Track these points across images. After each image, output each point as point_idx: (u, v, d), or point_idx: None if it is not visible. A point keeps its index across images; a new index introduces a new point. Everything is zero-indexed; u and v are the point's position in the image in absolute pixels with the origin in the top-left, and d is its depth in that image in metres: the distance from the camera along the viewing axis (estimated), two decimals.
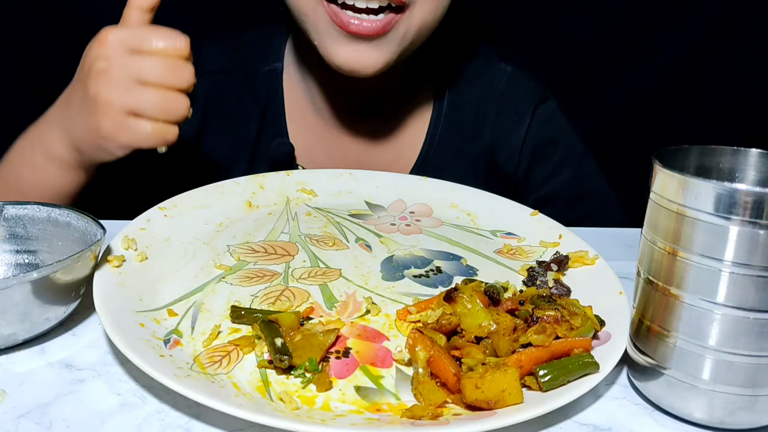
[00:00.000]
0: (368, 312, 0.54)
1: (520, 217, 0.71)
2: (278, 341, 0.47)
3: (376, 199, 0.76)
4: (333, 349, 0.49)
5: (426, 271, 0.61)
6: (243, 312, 0.52)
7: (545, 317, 0.48)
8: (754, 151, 0.47)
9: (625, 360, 0.48)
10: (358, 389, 0.46)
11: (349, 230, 0.68)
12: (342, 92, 0.86)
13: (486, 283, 0.54)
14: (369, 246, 0.65)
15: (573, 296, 0.57)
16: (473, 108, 0.89)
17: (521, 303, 0.52)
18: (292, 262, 0.61)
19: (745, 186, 0.39)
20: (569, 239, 0.66)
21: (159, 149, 0.62)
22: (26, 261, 0.57)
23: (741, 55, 1.10)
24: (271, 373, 0.46)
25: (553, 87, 0.92)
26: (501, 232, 0.70)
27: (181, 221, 0.65)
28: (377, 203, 0.75)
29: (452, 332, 0.50)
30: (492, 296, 0.52)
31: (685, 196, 0.41)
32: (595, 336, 0.50)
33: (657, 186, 0.43)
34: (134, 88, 0.60)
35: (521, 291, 0.57)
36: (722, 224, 0.40)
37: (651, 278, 0.44)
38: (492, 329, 0.48)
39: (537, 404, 0.43)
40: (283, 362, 0.46)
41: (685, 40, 1.10)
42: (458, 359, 0.47)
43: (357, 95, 0.87)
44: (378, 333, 0.52)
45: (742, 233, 0.39)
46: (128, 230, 0.60)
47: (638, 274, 0.46)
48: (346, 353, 0.49)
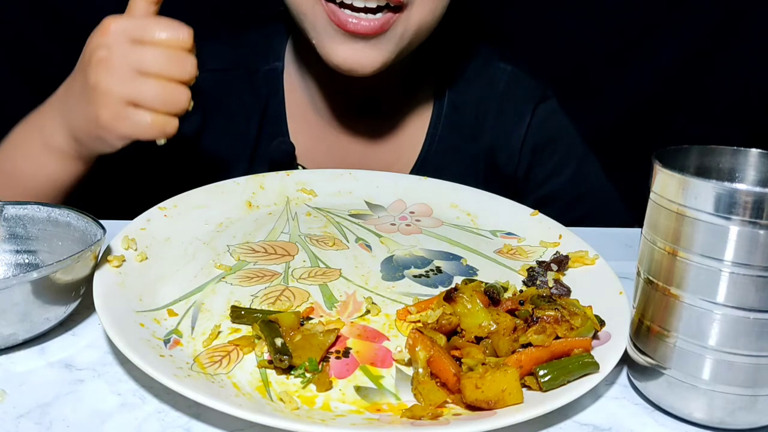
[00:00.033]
0: (368, 312, 0.54)
1: (520, 217, 0.71)
2: (278, 341, 0.47)
3: (376, 199, 0.76)
4: (333, 349, 0.49)
5: (426, 271, 0.61)
6: (243, 312, 0.52)
7: (545, 317, 0.48)
8: (754, 151, 0.47)
9: (625, 360, 0.48)
10: (358, 389, 0.46)
11: (349, 230, 0.68)
12: (341, 91, 0.86)
13: (486, 283, 0.54)
14: (369, 246, 0.65)
15: (573, 296, 0.57)
16: (473, 108, 0.89)
17: (521, 303, 0.52)
18: (292, 262, 0.61)
19: (745, 186, 0.40)
20: (569, 239, 0.66)
21: (158, 141, 0.62)
22: (26, 261, 0.57)
23: (741, 55, 1.10)
24: (271, 373, 0.46)
25: (553, 87, 0.92)
26: (501, 232, 0.70)
27: (181, 221, 0.65)
28: (377, 203, 0.75)
29: (452, 332, 0.50)
30: (492, 296, 0.52)
31: (685, 196, 0.41)
32: (595, 336, 0.50)
33: (657, 186, 0.43)
34: (135, 79, 0.59)
35: (521, 291, 0.57)
36: (722, 224, 0.40)
37: (651, 278, 0.44)
38: (492, 329, 0.48)
39: (537, 404, 0.43)
40: (283, 362, 0.46)
41: (685, 40, 1.10)
42: (458, 359, 0.47)
43: (356, 94, 0.87)
44: (378, 333, 0.52)
45: (742, 233, 0.39)
46: (128, 230, 0.60)
47: (638, 274, 0.46)
48: (346, 353, 0.49)
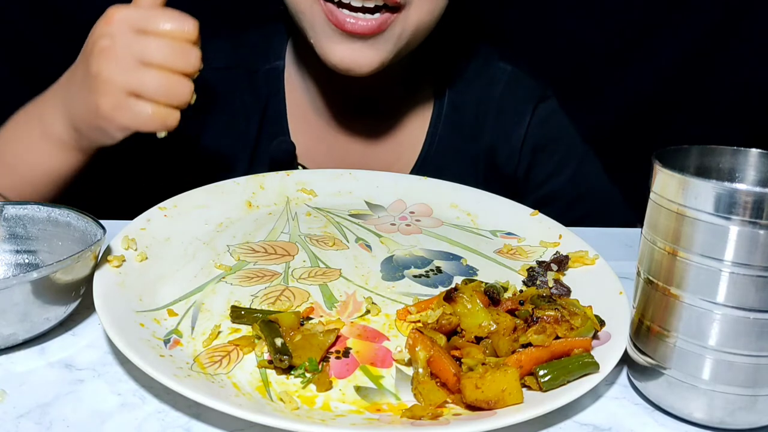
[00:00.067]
0: (368, 312, 0.54)
1: (520, 217, 0.71)
2: (278, 341, 0.47)
3: (376, 199, 0.76)
4: (333, 349, 0.49)
5: (426, 271, 0.61)
6: (243, 312, 0.52)
7: (545, 317, 0.48)
8: (754, 151, 0.47)
9: (625, 360, 0.48)
10: (358, 389, 0.46)
11: (349, 230, 0.68)
12: (340, 91, 0.86)
13: (486, 283, 0.54)
14: (369, 246, 0.65)
15: (573, 296, 0.57)
16: (473, 108, 0.89)
17: (521, 303, 0.52)
18: (292, 262, 0.61)
19: (745, 186, 0.40)
20: (569, 239, 0.66)
21: (158, 134, 0.61)
22: (26, 261, 0.57)
23: (741, 55, 1.10)
24: (271, 373, 0.46)
25: (553, 87, 0.92)
26: (501, 232, 0.70)
27: (181, 221, 0.65)
28: (377, 203, 0.75)
29: (452, 332, 0.50)
30: (492, 296, 0.52)
31: (685, 196, 0.41)
32: (595, 336, 0.50)
33: (657, 186, 0.43)
34: (137, 69, 0.59)
35: (521, 291, 0.57)
36: (722, 224, 0.40)
37: (651, 278, 0.44)
38: (492, 329, 0.48)
39: (537, 404, 0.43)
40: (283, 362, 0.46)
41: (685, 40, 1.10)
42: (458, 359, 0.47)
43: (355, 94, 0.87)
44: (378, 333, 0.52)
45: (742, 233, 0.39)
46: (128, 230, 0.60)
47: (638, 274, 0.46)
48: (346, 353, 0.49)
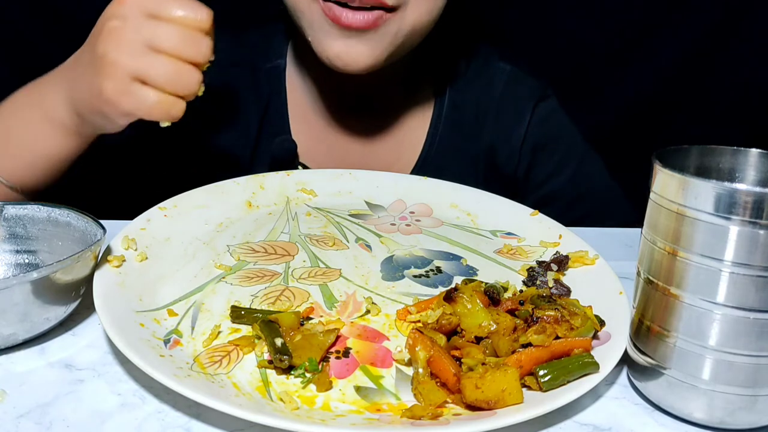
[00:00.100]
0: (368, 312, 0.54)
1: (520, 217, 0.71)
2: (278, 341, 0.47)
3: (376, 199, 0.76)
4: (333, 349, 0.49)
5: (426, 271, 0.61)
6: (243, 312, 0.52)
7: (545, 317, 0.48)
8: (754, 151, 0.47)
9: (625, 360, 0.48)
10: (358, 389, 0.46)
11: (349, 230, 0.68)
12: (340, 91, 0.86)
13: (486, 283, 0.54)
14: (369, 246, 0.65)
15: (573, 296, 0.57)
16: (473, 107, 0.89)
17: (521, 303, 0.52)
18: (292, 262, 0.61)
19: (745, 186, 0.40)
20: (569, 239, 0.66)
21: (162, 123, 0.60)
22: (26, 261, 0.57)
23: (741, 55, 1.10)
24: (271, 373, 0.46)
25: (553, 87, 0.92)
26: (501, 232, 0.70)
27: (181, 221, 0.65)
28: (377, 203, 0.75)
29: (452, 332, 0.50)
30: (492, 296, 0.52)
31: (685, 196, 0.41)
32: (595, 336, 0.50)
33: (657, 186, 0.43)
34: (145, 53, 0.57)
35: (521, 291, 0.57)
36: (722, 224, 0.40)
37: (651, 278, 0.44)
38: (492, 329, 0.48)
39: (537, 404, 0.43)
40: (283, 362, 0.46)
41: (685, 40, 1.10)
42: (458, 359, 0.47)
43: (355, 93, 0.87)
44: (378, 333, 0.52)
45: (742, 233, 0.39)
46: (128, 230, 0.60)
47: (638, 274, 0.46)
48: (346, 353, 0.49)
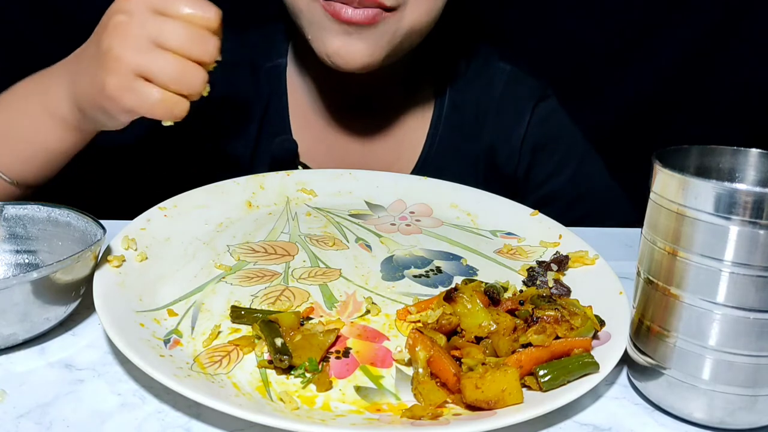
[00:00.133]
0: (368, 312, 0.54)
1: (520, 217, 0.71)
2: (278, 341, 0.47)
3: (376, 199, 0.76)
4: (333, 349, 0.49)
5: (426, 271, 0.61)
6: (243, 312, 0.52)
7: (545, 317, 0.48)
8: (754, 151, 0.47)
9: (625, 360, 0.48)
10: (358, 389, 0.46)
11: (349, 230, 0.68)
12: (340, 90, 0.87)
13: (486, 283, 0.54)
14: (369, 246, 0.65)
15: (573, 296, 0.57)
16: (473, 108, 0.89)
17: (521, 303, 0.52)
18: (292, 262, 0.61)
19: (745, 186, 0.40)
20: (569, 239, 0.66)
21: (164, 122, 0.59)
22: (26, 261, 0.57)
23: (741, 55, 1.10)
24: (271, 373, 0.46)
25: (553, 87, 0.92)
26: (501, 232, 0.70)
27: (181, 221, 0.65)
28: (377, 203, 0.75)
29: (452, 332, 0.50)
30: (492, 296, 0.52)
31: (685, 196, 0.41)
32: (595, 336, 0.50)
33: (657, 186, 0.43)
34: (150, 50, 0.57)
35: (521, 291, 0.57)
36: (722, 224, 0.40)
37: (651, 278, 0.44)
38: (492, 329, 0.48)
39: (537, 404, 0.43)
40: (283, 362, 0.46)
41: (685, 40, 1.10)
42: (458, 359, 0.47)
43: (355, 93, 0.87)
44: (378, 333, 0.52)
45: (742, 233, 0.39)
46: (128, 230, 0.60)
47: (638, 274, 0.46)
48: (346, 353, 0.49)
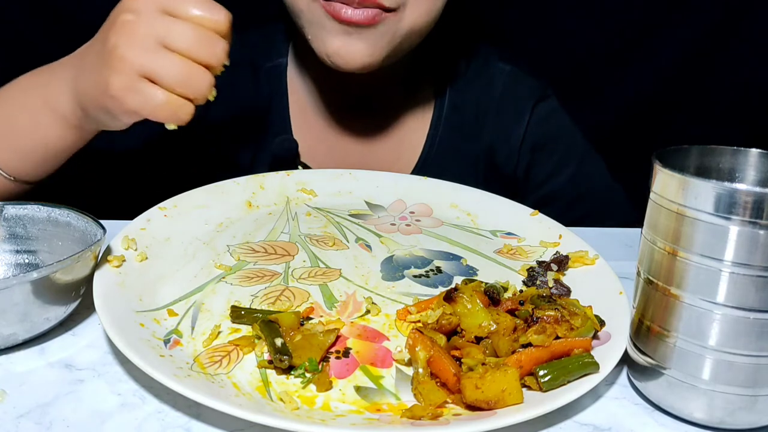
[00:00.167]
0: (368, 312, 0.54)
1: (520, 217, 0.71)
2: (278, 341, 0.47)
3: (376, 199, 0.76)
4: (333, 349, 0.49)
5: (426, 271, 0.61)
6: (243, 312, 0.52)
7: (545, 317, 0.48)
8: (754, 151, 0.47)
9: (625, 360, 0.48)
10: (358, 389, 0.46)
11: (349, 230, 0.68)
12: (340, 90, 0.87)
13: (486, 283, 0.54)
14: (369, 246, 0.65)
15: (573, 296, 0.57)
16: (473, 108, 0.90)
17: (521, 303, 0.52)
18: (292, 262, 0.61)
19: (745, 186, 0.40)
20: (569, 239, 0.66)
21: (167, 125, 0.58)
22: (26, 261, 0.57)
23: (741, 55, 1.10)
24: (271, 373, 0.46)
25: (553, 87, 0.92)
26: (501, 232, 0.70)
27: (181, 221, 0.65)
28: (377, 203, 0.75)
29: (452, 332, 0.50)
30: (492, 296, 0.52)
31: (685, 196, 0.41)
32: (595, 336, 0.50)
33: (657, 186, 0.43)
34: (156, 50, 0.55)
35: (521, 291, 0.57)
36: (722, 224, 0.40)
37: (651, 278, 0.44)
38: (492, 329, 0.48)
39: (537, 404, 0.43)
40: (283, 362, 0.46)
41: (685, 40, 1.10)
42: (458, 359, 0.47)
43: (355, 93, 0.87)
44: (378, 333, 0.52)
45: (742, 233, 0.39)
46: (128, 230, 0.60)
47: (638, 274, 0.46)
48: (346, 353, 0.49)
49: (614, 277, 0.58)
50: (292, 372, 0.46)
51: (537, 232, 0.68)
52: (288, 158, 0.85)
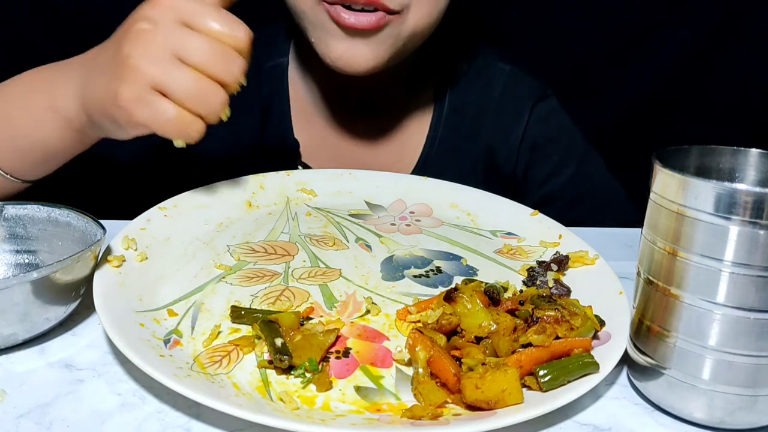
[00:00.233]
0: (368, 312, 0.54)
1: (520, 217, 0.71)
2: (278, 341, 0.47)
3: (376, 199, 0.76)
4: (333, 349, 0.49)
5: (426, 271, 0.61)
6: (243, 312, 0.52)
7: (545, 317, 0.48)
8: (754, 151, 0.47)
9: (625, 360, 0.48)
10: (358, 389, 0.46)
11: (349, 230, 0.68)
12: (342, 91, 0.87)
13: (486, 283, 0.54)
14: (369, 246, 0.65)
15: (573, 296, 0.57)
16: (473, 108, 0.89)
17: (521, 303, 0.52)
18: (292, 262, 0.61)
19: (745, 186, 0.40)
20: (569, 239, 0.66)
21: (176, 142, 0.56)
22: (26, 261, 0.57)
23: (741, 55, 1.10)
24: (271, 373, 0.46)
25: (553, 87, 0.92)
26: (501, 232, 0.70)
27: (181, 221, 0.64)
28: (377, 203, 0.75)
29: (452, 332, 0.50)
30: (492, 296, 0.52)
31: (685, 196, 0.41)
32: (595, 336, 0.50)
33: (657, 186, 0.43)
34: (171, 63, 0.54)
35: (521, 291, 0.57)
36: (722, 224, 0.40)
37: (651, 278, 0.44)
38: (492, 329, 0.48)
39: (537, 404, 0.43)
40: (283, 362, 0.46)
41: (685, 40, 1.10)
42: (458, 359, 0.47)
43: (357, 95, 0.87)
44: (378, 333, 0.52)
45: (742, 233, 0.39)
46: (128, 230, 0.60)
47: (638, 274, 0.46)
48: (346, 353, 0.49)
49: (614, 277, 0.58)
50: (292, 372, 0.46)
51: (537, 232, 0.68)
52: (288, 158, 0.85)
